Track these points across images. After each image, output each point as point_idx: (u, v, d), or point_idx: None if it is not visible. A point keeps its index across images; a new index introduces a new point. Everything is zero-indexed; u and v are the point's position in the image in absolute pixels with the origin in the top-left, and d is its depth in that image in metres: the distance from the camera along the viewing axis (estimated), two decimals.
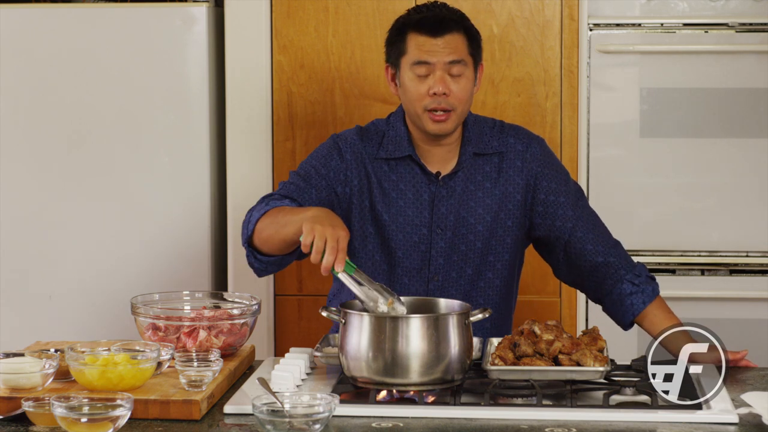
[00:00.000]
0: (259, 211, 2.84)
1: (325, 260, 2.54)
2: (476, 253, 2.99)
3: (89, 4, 3.95)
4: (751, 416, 2.36)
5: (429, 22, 2.91)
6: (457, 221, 2.98)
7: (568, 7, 3.85)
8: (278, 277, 3.96)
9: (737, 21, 3.87)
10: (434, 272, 2.98)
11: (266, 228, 2.80)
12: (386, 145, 3.00)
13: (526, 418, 2.37)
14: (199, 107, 3.92)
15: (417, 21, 2.92)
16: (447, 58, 2.89)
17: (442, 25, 2.90)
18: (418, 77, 2.90)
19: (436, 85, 2.88)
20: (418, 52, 2.90)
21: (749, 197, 3.90)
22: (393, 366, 2.45)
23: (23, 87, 3.94)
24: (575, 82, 3.86)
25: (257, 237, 2.83)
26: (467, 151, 2.99)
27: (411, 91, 2.92)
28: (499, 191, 3.00)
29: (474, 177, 3.00)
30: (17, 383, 2.42)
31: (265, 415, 2.21)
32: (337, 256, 2.54)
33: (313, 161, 3.01)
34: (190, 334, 2.70)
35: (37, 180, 3.95)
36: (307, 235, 2.57)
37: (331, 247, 2.54)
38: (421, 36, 2.91)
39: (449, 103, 2.90)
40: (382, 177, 2.99)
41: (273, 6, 3.91)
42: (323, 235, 2.55)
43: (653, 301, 2.97)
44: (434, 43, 2.90)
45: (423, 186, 2.99)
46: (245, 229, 2.86)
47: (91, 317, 3.95)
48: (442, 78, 2.89)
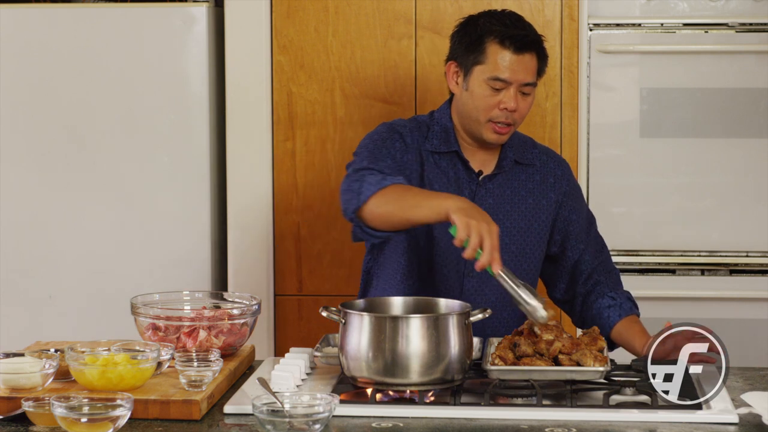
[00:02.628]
0: (375, 185, 2.80)
1: (483, 259, 2.54)
2: (510, 256, 3.01)
3: (89, 4, 3.95)
4: (751, 416, 2.36)
5: (517, 40, 2.91)
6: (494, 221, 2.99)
7: (568, 7, 3.85)
8: (278, 277, 3.96)
9: (737, 21, 3.87)
10: (468, 269, 3.00)
11: (386, 204, 2.77)
12: (432, 139, 3.02)
13: (526, 418, 2.37)
14: (199, 107, 3.92)
15: (503, 35, 2.91)
16: (524, 79, 2.92)
17: (528, 44, 2.92)
18: (492, 89, 2.92)
19: (509, 102, 2.91)
20: (500, 69, 2.91)
21: (749, 197, 3.89)
22: (393, 366, 2.45)
23: (23, 87, 3.94)
24: (575, 82, 3.86)
25: (370, 210, 2.80)
26: (508, 157, 3.04)
27: (480, 101, 2.94)
28: (533, 201, 3.05)
29: (511, 183, 3.05)
30: (17, 383, 2.42)
31: (265, 415, 2.21)
32: (494, 256, 2.54)
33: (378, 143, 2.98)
34: (190, 334, 2.70)
35: (37, 180, 3.95)
36: (463, 230, 2.56)
37: (489, 245, 2.54)
38: (506, 52, 2.91)
39: (513, 118, 2.94)
40: (430, 168, 3.01)
41: (273, 6, 3.91)
42: (479, 232, 2.54)
43: (629, 316, 3.00)
44: (517, 61, 2.91)
45: (464, 183, 3.02)
46: (354, 198, 2.82)
47: (91, 317, 3.95)
48: (515, 96, 2.92)
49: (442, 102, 3.08)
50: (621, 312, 3.00)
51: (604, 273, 3.09)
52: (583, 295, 3.08)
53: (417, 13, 3.88)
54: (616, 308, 3.01)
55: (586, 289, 3.07)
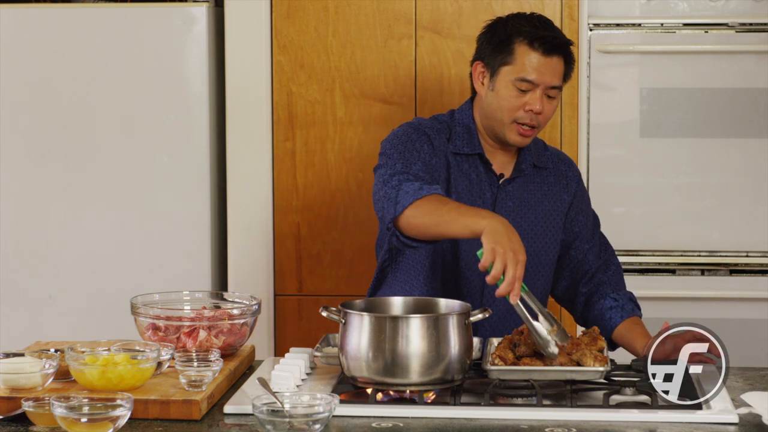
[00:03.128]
0: (413, 195, 2.80)
1: (502, 288, 2.52)
2: (529, 259, 3.00)
3: (89, 4, 3.95)
4: (751, 416, 2.36)
5: (546, 42, 2.91)
6: (513, 225, 2.99)
7: (568, 7, 3.85)
8: (278, 277, 3.96)
9: (737, 21, 3.86)
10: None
11: (422, 216, 2.76)
12: (454, 140, 3.02)
13: (526, 418, 2.37)
14: (199, 107, 3.92)
15: (532, 36, 2.91)
16: (551, 82, 2.92)
17: (557, 48, 2.92)
18: (519, 90, 2.92)
19: (535, 103, 2.91)
20: (528, 70, 2.91)
21: (749, 197, 3.89)
22: (393, 366, 2.45)
23: (23, 87, 3.94)
24: (575, 82, 3.86)
25: (406, 221, 2.79)
26: (527, 160, 3.04)
27: (506, 101, 2.94)
28: (549, 203, 3.06)
29: (529, 186, 3.05)
30: (17, 383, 2.42)
31: (265, 415, 2.21)
32: (514, 287, 2.52)
33: (408, 146, 2.97)
34: (190, 334, 2.70)
35: (37, 180, 3.95)
36: (488, 255, 2.54)
37: (511, 275, 2.52)
38: (534, 53, 2.91)
39: (537, 121, 2.94)
40: (455, 169, 3.01)
41: (273, 6, 3.91)
42: (504, 260, 2.53)
43: (631, 317, 3.00)
44: (545, 63, 2.91)
45: (486, 185, 3.02)
46: (391, 208, 2.82)
47: (91, 317, 3.95)
48: (542, 98, 2.92)
49: (442, 102, 3.09)
50: (623, 313, 3.00)
51: (608, 273, 3.09)
52: (585, 295, 3.08)
53: (417, 13, 3.88)
54: (618, 309, 3.01)
55: (588, 289, 3.08)
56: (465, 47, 3.82)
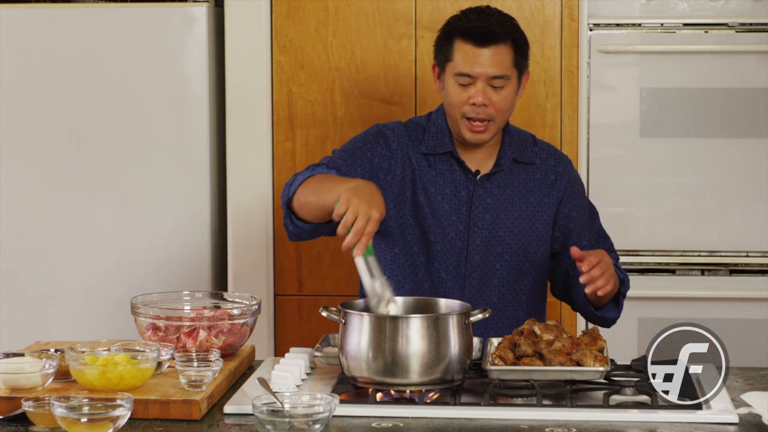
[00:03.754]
0: (304, 175, 2.83)
1: (347, 240, 2.53)
2: (512, 256, 3.00)
3: (89, 4, 3.95)
4: (751, 416, 2.36)
5: (477, 32, 2.90)
6: (494, 221, 2.99)
7: (568, 7, 3.85)
8: (278, 277, 3.96)
9: (737, 21, 3.86)
10: (470, 270, 2.99)
11: (308, 193, 2.78)
12: (427, 141, 3.02)
13: (526, 418, 2.37)
14: (199, 107, 3.92)
15: (465, 29, 2.91)
16: (491, 72, 2.90)
17: (489, 36, 2.90)
18: (460, 85, 2.92)
19: (477, 96, 2.90)
20: (463, 63, 2.90)
21: (749, 197, 3.89)
22: (393, 366, 2.45)
23: (23, 87, 3.94)
24: (575, 82, 3.86)
25: (297, 200, 2.81)
26: (507, 155, 3.02)
27: (452, 97, 2.94)
28: (534, 200, 3.03)
29: (511, 182, 3.03)
30: (17, 383, 2.42)
31: (265, 415, 2.21)
32: (360, 239, 2.52)
33: (358, 144, 3.01)
34: (190, 334, 2.70)
35: (37, 180, 3.95)
36: (342, 204, 2.55)
37: (357, 228, 2.52)
38: (467, 45, 2.90)
39: (488, 114, 2.92)
40: (422, 171, 3.00)
41: (273, 6, 3.91)
42: (356, 211, 2.53)
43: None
44: (479, 54, 2.89)
45: (461, 183, 3.01)
46: (287, 190, 2.85)
47: (91, 317, 3.95)
48: (484, 90, 2.91)
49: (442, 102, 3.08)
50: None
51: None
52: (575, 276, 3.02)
53: (417, 13, 3.88)
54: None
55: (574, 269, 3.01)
56: None
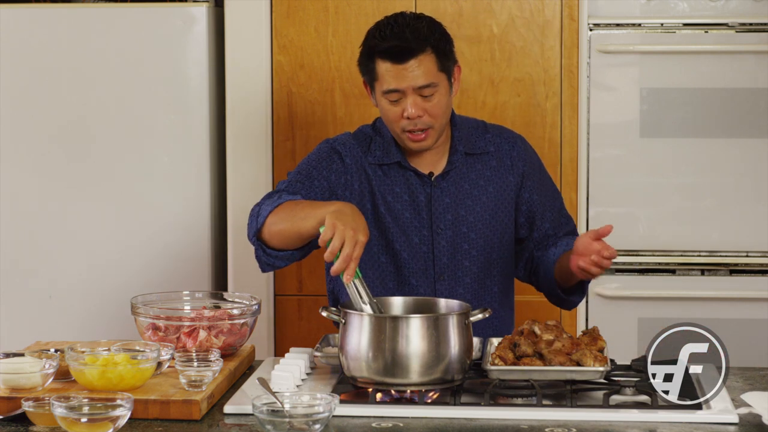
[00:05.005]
0: (271, 205, 2.80)
1: (336, 266, 2.52)
2: (479, 251, 2.99)
3: (89, 4, 3.95)
4: (751, 416, 2.36)
5: (393, 51, 2.86)
6: (456, 220, 2.98)
7: (568, 7, 3.85)
8: (278, 277, 3.96)
9: (737, 21, 3.86)
10: (440, 272, 2.98)
11: (280, 221, 2.76)
12: (374, 151, 2.99)
13: (526, 418, 2.37)
14: (199, 107, 3.92)
15: (380, 49, 2.87)
16: (416, 84, 2.87)
17: (406, 52, 2.86)
18: (391, 102, 2.89)
19: (409, 109, 2.87)
20: (388, 81, 2.87)
21: (749, 197, 3.89)
22: (393, 366, 2.45)
23: (23, 87, 3.94)
24: (575, 82, 3.86)
25: (267, 230, 2.79)
26: (458, 151, 3.00)
27: (386, 115, 2.92)
28: (494, 189, 3.01)
29: (468, 176, 3.01)
30: (17, 383, 2.42)
31: (265, 415, 2.21)
32: (349, 265, 2.52)
33: (312, 163, 2.98)
34: (190, 334, 2.70)
35: (37, 180, 3.95)
36: (327, 230, 2.54)
37: (345, 254, 2.52)
38: (388, 63, 2.87)
39: (425, 123, 2.90)
40: (378, 181, 2.99)
41: (273, 6, 3.91)
42: (342, 236, 2.52)
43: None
44: (402, 69, 2.86)
45: (418, 188, 2.98)
46: (254, 221, 2.82)
47: (91, 317, 3.96)
48: (414, 102, 2.87)
49: None
50: (567, 248, 2.96)
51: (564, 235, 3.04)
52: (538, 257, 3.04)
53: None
54: (562, 246, 2.97)
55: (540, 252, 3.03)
56: (465, 47, 3.81)
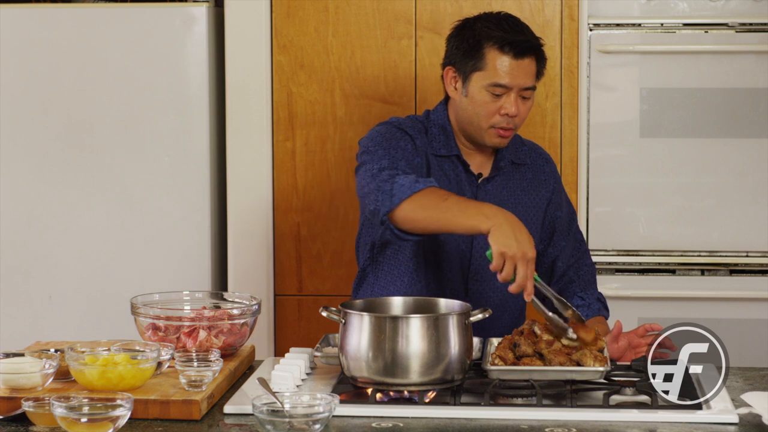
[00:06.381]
0: (410, 188, 2.76)
1: (514, 287, 2.57)
2: None
3: (89, 4, 3.95)
4: (751, 416, 2.36)
5: (516, 45, 2.88)
6: None
7: (568, 7, 3.85)
8: (278, 277, 3.96)
9: (737, 21, 3.86)
10: (474, 272, 3.00)
11: (422, 210, 2.74)
12: (432, 141, 3.01)
13: (526, 418, 2.37)
14: (199, 107, 3.92)
15: (503, 40, 2.88)
16: (524, 84, 2.90)
17: (527, 50, 2.89)
18: (492, 95, 2.91)
19: (510, 107, 2.90)
20: (500, 75, 2.89)
21: (749, 197, 3.89)
22: (393, 366, 2.45)
23: (23, 87, 3.94)
24: (575, 82, 3.86)
25: (403, 214, 2.76)
26: (505, 158, 3.04)
27: (481, 107, 2.92)
28: (529, 200, 3.05)
29: (508, 183, 3.05)
30: (17, 383, 2.42)
31: (265, 415, 2.21)
32: (527, 286, 2.57)
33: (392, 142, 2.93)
34: (190, 334, 2.70)
35: (37, 180, 3.95)
36: (496, 262, 2.58)
37: (521, 277, 2.56)
38: (505, 57, 2.89)
39: (515, 123, 2.94)
40: (434, 171, 3.00)
41: (273, 6, 3.91)
42: (513, 262, 2.56)
43: (596, 317, 3.02)
44: (516, 66, 2.89)
45: (465, 185, 3.01)
46: (387, 200, 2.77)
47: (91, 317, 3.96)
48: (516, 101, 2.91)
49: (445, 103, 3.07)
50: (589, 312, 3.00)
51: (579, 272, 3.09)
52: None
53: (417, 13, 3.88)
54: (584, 308, 3.02)
55: (558, 287, 3.07)
56: None
